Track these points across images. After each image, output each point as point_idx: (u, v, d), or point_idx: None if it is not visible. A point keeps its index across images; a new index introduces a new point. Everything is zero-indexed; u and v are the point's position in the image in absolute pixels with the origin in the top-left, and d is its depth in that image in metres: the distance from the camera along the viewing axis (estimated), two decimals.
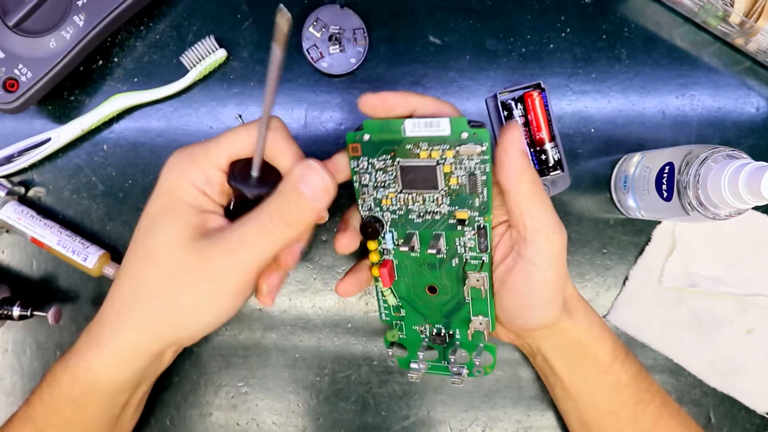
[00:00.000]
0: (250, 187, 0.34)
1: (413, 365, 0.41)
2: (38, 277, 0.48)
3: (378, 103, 0.34)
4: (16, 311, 0.44)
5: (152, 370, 0.38)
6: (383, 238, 0.38)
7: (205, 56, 0.45)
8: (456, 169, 0.35)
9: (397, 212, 0.37)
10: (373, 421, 0.48)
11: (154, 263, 0.34)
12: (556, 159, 0.45)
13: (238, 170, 0.35)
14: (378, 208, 0.37)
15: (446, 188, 0.36)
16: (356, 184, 0.37)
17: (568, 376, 0.41)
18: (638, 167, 0.43)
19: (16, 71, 0.42)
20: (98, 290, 0.48)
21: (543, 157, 0.45)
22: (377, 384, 0.48)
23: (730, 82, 0.47)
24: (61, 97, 0.47)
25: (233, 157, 0.35)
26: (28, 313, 0.45)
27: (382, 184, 0.36)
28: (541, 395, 0.48)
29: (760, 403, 0.48)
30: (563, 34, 0.47)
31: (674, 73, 0.47)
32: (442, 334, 0.41)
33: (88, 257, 0.45)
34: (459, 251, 0.38)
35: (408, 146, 0.35)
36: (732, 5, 0.44)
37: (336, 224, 0.41)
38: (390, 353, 0.42)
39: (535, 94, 0.44)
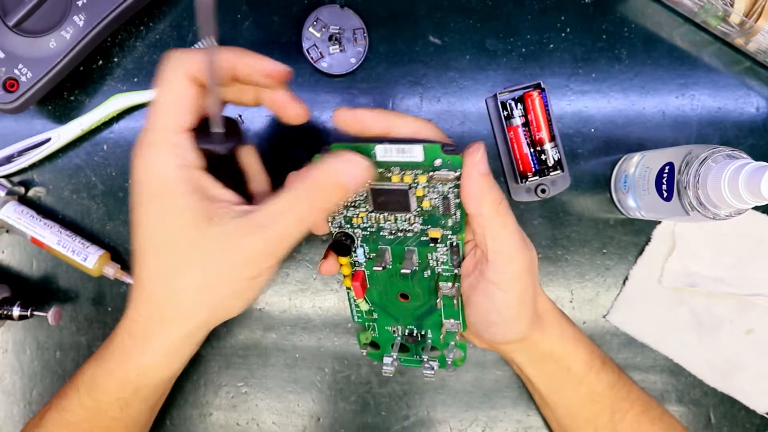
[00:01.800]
0: (220, 144, 0.33)
1: (386, 359, 0.42)
2: (38, 277, 0.48)
3: (351, 120, 0.33)
4: (16, 311, 0.44)
5: (192, 354, 0.37)
6: (354, 252, 0.38)
7: None
8: (429, 192, 0.34)
9: (368, 229, 0.37)
10: (373, 421, 0.48)
11: (183, 256, 0.32)
12: (556, 159, 0.45)
13: (200, 131, 0.33)
14: (348, 225, 0.37)
15: (419, 209, 0.35)
16: None
17: (544, 387, 0.42)
18: (638, 167, 0.43)
19: (16, 71, 0.42)
20: (98, 290, 0.48)
21: (543, 157, 0.45)
22: (377, 384, 0.48)
23: (730, 82, 0.47)
24: (61, 97, 0.47)
25: (185, 120, 0.32)
26: (28, 313, 0.45)
27: (353, 204, 0.36)
28: None
29: (760, 403, 0.48)
30: (563, 34, 0.47)
31: (674, 73, 0.47)
32: (414, 335, 0.41)
33: (88, 257, 0.45)
34: (431, 264, 0.37)
35: (380, 170, 0.34)
36: (732, 5, 0.44)
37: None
38: (364, 353, 0.43)
39: (535, 94, 0.44)
